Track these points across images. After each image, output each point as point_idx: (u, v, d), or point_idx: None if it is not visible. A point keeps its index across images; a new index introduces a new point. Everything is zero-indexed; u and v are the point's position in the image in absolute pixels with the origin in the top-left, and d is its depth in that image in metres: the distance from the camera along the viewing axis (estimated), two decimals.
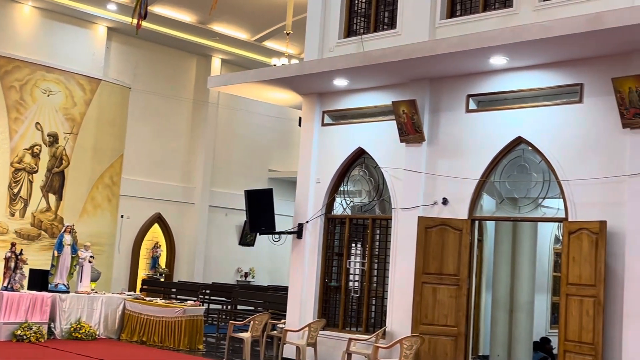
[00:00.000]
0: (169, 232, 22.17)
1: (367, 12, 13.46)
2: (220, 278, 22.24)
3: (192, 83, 22.81)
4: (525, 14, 10.98)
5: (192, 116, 22.77)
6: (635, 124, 9.60)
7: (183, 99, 22.49)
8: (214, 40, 22.26)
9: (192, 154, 22.73)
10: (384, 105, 12.57)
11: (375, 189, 13.05)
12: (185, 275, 22.12)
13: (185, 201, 22.49)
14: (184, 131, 22.70)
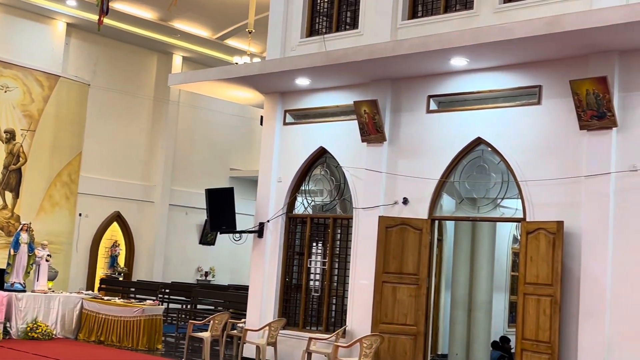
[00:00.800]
0: (128, 230, 21.95)
1: (329, 12, 13.49)
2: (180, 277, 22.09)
3: (152, 81, 22.61)
4: (486, 16, 11.10)
5: (153, 114, 22.58)
6: (592, 126, 9.76)
7: (143, 96, 22.29)
8: (175, 38, 22.10)
9: (152, 152, 22.53)
10: (346, 105, 12.60)
11: (336, 188, 13.07)
12: (144, 275, 21.92)
13: (144, 200, 22.29)
14: (144, 129, 22.49)
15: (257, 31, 18.14)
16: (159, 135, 22.55)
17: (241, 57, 20.39)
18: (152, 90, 22.53)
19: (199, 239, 23.16)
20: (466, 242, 14.00)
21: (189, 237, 23.10)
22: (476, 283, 13.85)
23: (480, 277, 13.87)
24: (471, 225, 13.73)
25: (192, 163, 23.28)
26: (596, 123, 9.71)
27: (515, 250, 14.37)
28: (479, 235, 13.95)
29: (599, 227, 9.63)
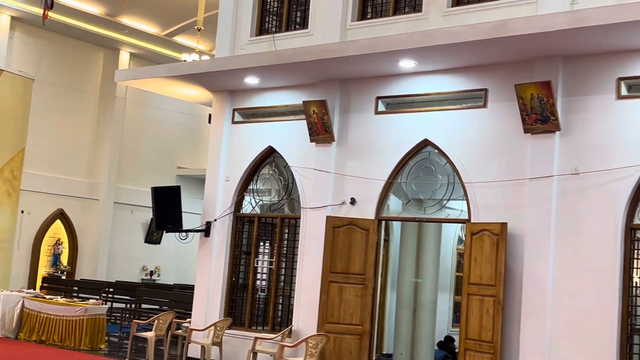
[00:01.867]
0: (71, 228, 21.58)
1: (279, 11, 13.47)
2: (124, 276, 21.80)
3: (98, 76, 22.27)
4: (434, 19, 11.22)
5: (99, 110, 22.24)
6: (536, 130, 9.95)
7: (89, 92, 21.93)
8: (123, 34, 21.80)
9: (97, 149, 22.19)
10: (295, 105, 12.60)
11: (284, 188, 13.06)
12: (88, 273, 21.57)
13: (89, 197, 21.94)
14: (90, 125, 22.14)
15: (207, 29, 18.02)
16: (105, 132, 22.23)
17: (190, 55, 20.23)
18: (98, 87, 22.18)
19: (144, 237, 22.89)
20: (412, 243, 14.13)
21: (134, 236, 22.81)
22: (421, 283, 13.98)
23: (426, 277, 14.02)
24: (417, 225, 13.86)
25: (139, 160, 23.00)
26: (540, 127, 9.90)
27: (460, 251, 14.56)
28: (424, 236, 14.10)
29: (541, 229, 9.82)
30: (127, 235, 22.62)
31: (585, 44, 9.45)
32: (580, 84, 9.83)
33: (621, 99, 9.52)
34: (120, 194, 22.40)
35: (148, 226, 22.55)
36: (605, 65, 9.64)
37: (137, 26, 21.65)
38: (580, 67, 9.84)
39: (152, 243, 22.87)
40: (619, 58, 9.54)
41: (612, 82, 9.58)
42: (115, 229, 22.27)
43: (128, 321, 17.03)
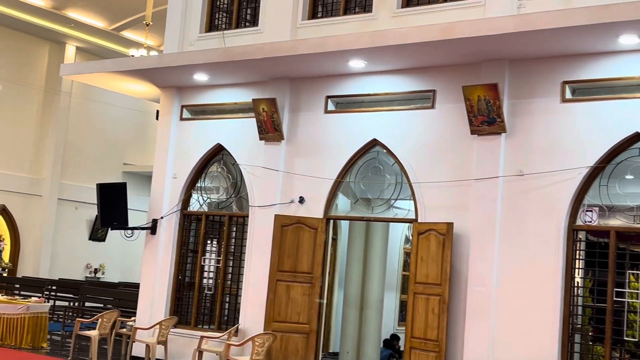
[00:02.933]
0: (13, 225, 21.11)
1: (229, 8, 13.39)
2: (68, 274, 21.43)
3: (43, 70, 21.83)
4: (384, 20, 11.28)
5: (43, 105, 21.80)
6: (482, 131, 10.08)
7: (33, 86, 21.47)
8: (69, 27, 21.41)
9: (41, 144, 21.75)
10: (244, 103, 12.54)
11: (232, 186, 13.00)
12: (30, 271, 21.13)
13: (32, 193, 21.50)
14: (33, 120, 21.69)
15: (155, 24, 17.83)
16: (49, 127, 21.80)
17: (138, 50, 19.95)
18: (43, 81, 21.75)
19: (89, 234, 22.54)
20: (360, 242, 14.20)
21: (78, 233, 22.44)
22: (368, 282, 14.06)
23: (373, 276, 14.09)
24: (365, 225, 13.94)
25: (84, 156, 22.62)
26: (486, 128, 10.04)
27: (407, 250, 14.69)
28: (372, 235, 14.18)
29: (486, 229, 9.96)
30: (71, 232, 22.23)
31: (531, 47, 9.62)
32: (526, 87, 10.00)
33: (565, 102, 9.71)
34: (65, 190, 22.00)
35: (93, 223, 22.21)
36: (550, 69, 9.83)
37: (84, 20, 21.28)
38: (526, 70, 10.01)
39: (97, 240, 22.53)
40: (564, 62, 9.73)
41: (557, 86, 9.77)
42: (58, 226, 21.87)
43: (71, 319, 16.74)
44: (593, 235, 9.93)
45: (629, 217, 9.30)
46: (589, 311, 9.71)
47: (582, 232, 9.67)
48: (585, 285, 9.82)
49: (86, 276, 22.46)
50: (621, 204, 9.37)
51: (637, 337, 9.36)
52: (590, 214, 9.49)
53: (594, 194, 9.50)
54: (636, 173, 9.32)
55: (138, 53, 19.17)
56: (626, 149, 9.36)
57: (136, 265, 21.03)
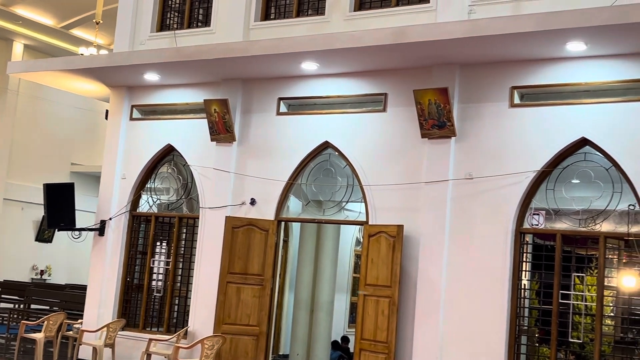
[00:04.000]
0: None
1: (181, 8, 13.29)
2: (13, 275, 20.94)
3: None
4: (337, 23, 11.32)
5: None
6: (432, 135, 10.18)
7: None
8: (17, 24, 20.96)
9: None
10: (196, 103, 12.45)
11: (183, 187, 12.89)
12: None
13: None
14: None
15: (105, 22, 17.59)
16: None
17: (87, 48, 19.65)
18: None
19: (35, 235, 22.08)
20: (311, 244, 14.21)
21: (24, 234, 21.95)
22: (319, 284, 14.08)
23: (324, 278, 14.13)
24: (316, 227, 13.96)
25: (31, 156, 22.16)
26: (436, 132, 10.14)
27: (358, 252, 14.75)
28: (323, 237, 14.21)
29: (436, 232, 10.06)
30: (17, 233, 21.75)
31: (481, 52, 9.75)
32: (476, 92, 10.13)
33: (514, 107, 9.86)
34: (10, 190, 21.52)
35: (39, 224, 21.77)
36: (499, 74, 9.97)
37: (33, 17, 20.86)
38: (476, 74, 10.14)
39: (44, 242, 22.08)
40: (513, 67, 9.89)
41: (505, 91, 9.92)
42: (4, 227, 21.37)
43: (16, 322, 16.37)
44: (540, 238, 10.12)
45: (574, 220, 9.49)
46: (535, 313, 9.89)
47: (529, 235, 9.83)
48: (532, 287, 9.99)
49: (32, 278, 21.99)
50: (567, 207, 9.56)
51: (582, 338, 9.56)
52: (537, 217, 9.66)
53: (540, 198, 9.67)
54: (582, 177, 9.52)
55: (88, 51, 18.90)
56: (572, 153, 9.54)
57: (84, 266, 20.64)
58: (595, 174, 9.40)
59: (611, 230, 9.24)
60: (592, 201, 9.39)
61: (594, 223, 9.35)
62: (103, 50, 20.64)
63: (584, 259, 9.62)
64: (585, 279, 9.58)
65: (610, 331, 9.48)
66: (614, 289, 9.42)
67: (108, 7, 17.50)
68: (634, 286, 9.27)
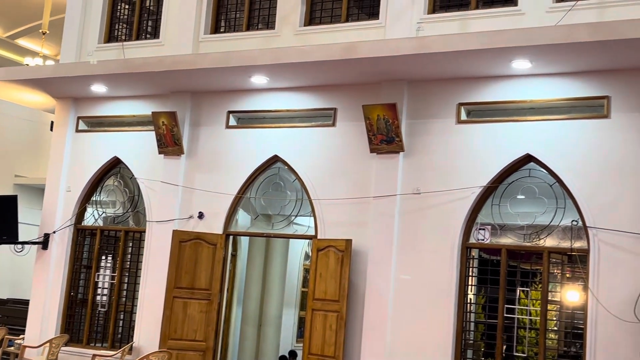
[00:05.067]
0: None
1: (129, 19, 13.16)
2: None
3: None
4: (287, 37, 11.34)
5: None
6: (381, 150, 10.25)
7: None
8: None
9: None
10: (144, 115, 12.32)
11: (130, 200, 12.72)
12: None
13: None
14: None
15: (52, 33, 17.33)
16: None
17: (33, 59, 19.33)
18: None
19: None
20: (260, 258, 14.15)
21: None
22: (267, 298, 14.01)
23: (272, 292, 14.06)
24: (265, 241, 13.90)
25: None
26: (385, 147, 10.22)
27: (307, 266, 14.72)
28: (272, 251, 14.15)
29: (384, 246, 10.11)
30: None
31: (429, 69, 9.87)
32: (424, 108, 10.24)
33: (461, 123, 10.00)
34: None
35: None
36: (447, 91, 10.10)
37: None
38: (423, 91, 10.25)
39: None
40: (460, 84, 10.03)
41: (453, 107, 10.05)
42: None
43: None
44: (486, 253, 10.24)
45: (519, 235, 9.64)
46: (481, 327, 9.98)
47: (475, 250, 9.95)
48: (478, 301, 10.10)
49: None
50: (512, 222, 9.71)
51: (526, 352, 9.69)
52: (483, 232, 9.78)
53: (486, 213, 9.81)
54: (527, 193, 9.68)
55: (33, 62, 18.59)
56: (517, 169, 9.70)
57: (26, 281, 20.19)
58: (540, 190, 9.57)
59: (555, 245, 9.41)
60: (537, 217, 9.55)
61: (538, 238, 9.51)
62: (49, 60, 20.31)
63: (529, 274, 9.77)
64: (530, 294, 9.73)
65: (554, 345, 9.62)
66: (558, 304, 9.58)
67: (55, 17, 17.26)
68: (577, 301, 9.43)
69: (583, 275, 9.12)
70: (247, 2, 11.93)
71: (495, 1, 10.10)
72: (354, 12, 11.19)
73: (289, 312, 14.54)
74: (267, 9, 11.77)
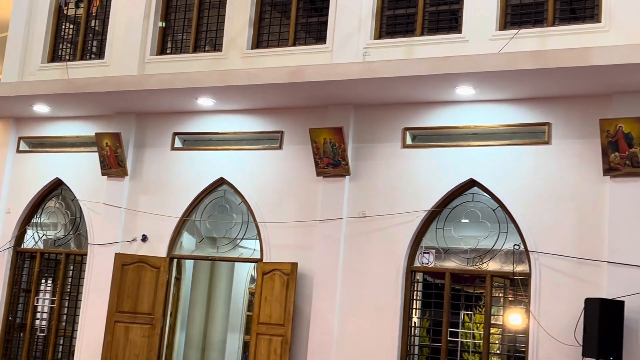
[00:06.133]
0: None
1: (74, 39, 12.98)
2: None
3: None
4: (234, 60, 11.31)
5: None
6: (327, 173, 10.28)
7: None
8: None
9: None
10: (87, 136, 12.14)
11: (71, 222, 12.49)
12: None
13: None
14: None
15: None
16: None
17: None
18: None
19: None
20: (204, 281, 13.99)
21: None
22: (212, 323, 13.85)
23: (216, 316, 13.90)
24: (210, 264, 13.76)
25: None
26: (331, 170, 10.25)
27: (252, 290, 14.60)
28: (217, 275, 14.02)
29: (329, 270, 10.10)
30: None
31: (375, 94, 9.96)
32: (370, 132, 10.32)
33: (406, 147, 10.09)
34: None
35: None
36: (393, 115, 10.20)
37: None
38: (370, 115, 10.34)
39: None
40: (405, 109, 10.14)
41: (398, 132, 10.15)
42: None
43: None
44: (430, 277, 10.32)
45: (463, 259, 9.74)
46: (426, 350, 10.02)
47: (420, 274, 10.02)
48: (422, 325, 10.15)
49: None
50: (456, 246, 9.81)
51: None
52: (428, 256, 9.86)
53: (431, 237, 9.89)
54: (470, 217, 9.80)
55: None
56: (461, 194, 9.83)
57: None
58: (483, 214, 9.70)
59: (497, 269, 9.54)
60: (480, 240, 9.67)
61: (481, 262, 9.63)
62: None
63: (472, 297, 9.87)
64: (474, 317, 9.82)
65: None
66: (501, 327, 9.69)
67: None
68: (519, 324, 9.55)
69: (525, 298, 9.25)
70: (194, 23, 11.90)
71: (439, 28, 10.27)
72: (301, 36, 11.26)
73: (233, 336, 14.38)
74: (215, 31, 11.75)
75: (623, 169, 8.72)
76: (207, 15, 11.87)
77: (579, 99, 9.20)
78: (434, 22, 10.32)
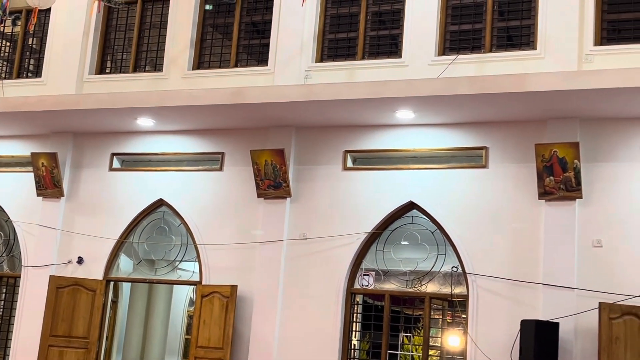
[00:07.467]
0: None
1: (10, 57, 12.73)
2: None
3: None
4: (175, 80, 11.24)
5: None
6: (268, 195, 10.26)
7: None
8: None
9: None
10: (22, 156, 11.87)
11: (4, 244, 12.16)
12: None
13: None
14: None
15: None
16: None
17: None
18: None
19: None
20: (142, 304, 13.76)
21: None
22: (149, 346, 13.61)
23: (154, 339, 13.67)
24: (148, 286, 13.54)
25: None
26: (272, 192, 10.23)
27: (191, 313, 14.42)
28: (155, 298, 13.80)
29: (269, 292, 10.05)
30: None
31: (316, 116, 10.01)
32: (311, 154, 10.35)
33: (347, 170, 10.16)
34: None
35: None
36: (333, 138, 10.26)
37: None
38: (311, 137, 10.37)
39: None
40: (346, 132, 10.21)
41: (339, 154, 10.21)
42: None
43: None
44: (370, 298, 10.35)
45: (402, 281, 9.81)
46: None
47: (360, 295, 10.04)
48: (362, 347, 10.16)
49: None
50: (395, 268, 9.88)
51: None
52: (367, 278, 9.90)
53: (371, 259, 9.95)
54: (409, 239, 9.90)
55: None
56: (401, 216, 9.92)
57: None
58: (422, 237, 9.80)
59: (436, 291, 9.64)
60: (419, 263, 9.76)
61: (420, 284, 9.71)
62: None
63: (411, 319, 9.94)
64: (413, 339, 9.88)
65: None
66: (439, 349, 9.77)
67: None
68: (457, 345, 9.65)
69: (463, 320, 9.36)
70: (134, 43, 11.79)
71: (380, 52, 10.40)
72: (243, 57, 11.27)
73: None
74: (155, 51, 11.67)
75: (557, 193, 8.93)
76: (148, 35, 11.80)
77: (516, 124, 9.41)
78: (374, 46, 10.45)
